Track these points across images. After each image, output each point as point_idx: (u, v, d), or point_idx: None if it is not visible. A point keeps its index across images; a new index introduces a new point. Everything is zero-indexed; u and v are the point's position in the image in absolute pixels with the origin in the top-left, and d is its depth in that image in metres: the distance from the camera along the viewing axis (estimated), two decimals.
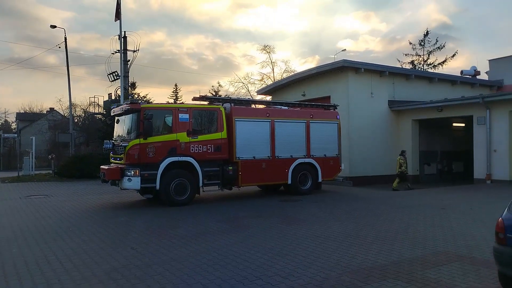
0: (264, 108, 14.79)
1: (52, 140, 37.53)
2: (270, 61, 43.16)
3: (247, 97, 37.63)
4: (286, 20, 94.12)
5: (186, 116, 11.98)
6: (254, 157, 13.12)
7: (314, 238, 7.54)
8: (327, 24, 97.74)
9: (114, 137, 12.94)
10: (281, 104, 15.84)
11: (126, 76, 26.16)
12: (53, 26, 27.55)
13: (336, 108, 15.91)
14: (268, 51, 42.27)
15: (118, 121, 12.86)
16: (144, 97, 30.80)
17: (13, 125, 66.03)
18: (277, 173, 13.58)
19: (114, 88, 27.51)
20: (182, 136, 11.81)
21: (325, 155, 14.65)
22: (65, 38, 27.98)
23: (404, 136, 20.46)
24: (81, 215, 10.60)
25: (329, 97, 20.68)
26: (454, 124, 21.91)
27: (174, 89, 52.83)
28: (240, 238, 7.66)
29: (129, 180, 11.19)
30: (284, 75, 38.51)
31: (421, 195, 14.46)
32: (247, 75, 56.57)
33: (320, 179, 14.54)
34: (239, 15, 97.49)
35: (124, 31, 25.75)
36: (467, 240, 7.35)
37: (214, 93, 46.99)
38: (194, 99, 13.36)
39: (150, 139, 11.35)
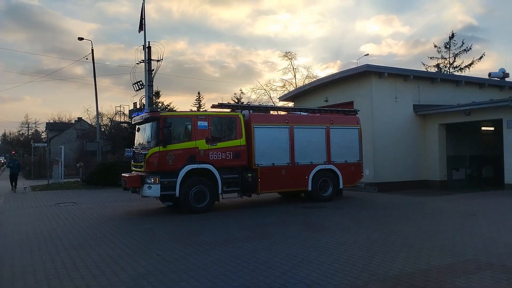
0: (283, 115, 14.71)
1: (80, 148, 38.52)
2: (292, 67, 43.00)
3: (267, 104, 37.65)
4: (307, 26, 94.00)
5: (205, 123, 12.07)
6: (273, 164, 13.04)
7: (338, 245, 7.44)
8: (349, 29, 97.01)
9: (135, 145, 13.16)
10: (301, 110, 15.77)
11: (150, 85, 26.69)
12: (81, 39, 28.45)
13: (357, 114, 15.69)
14: (290, 57, 42.29)
15: (138, 130, 13.08)
16: (168, 105, 31.25)
17: (43, 135, 68.25)
18: (297, 179, 13.46)
19: (139, 97, 28.02)
20: (201, 144, 11.88)
21: (346, 161, 14.44)
22: (92, 50, 28.84)
23: (430, 141, 19.99)
24: (107, 222, 10.81)
25: (352, 103, 20.45)
26: (483, 128, 21.25)
27: (197, 97, 53.56)
28: (264, 245, 7.63)
29: (149, 187, 11.31)
30: (306, 81, 38.38)
31: (450, 201, 14.08)
32: (268, 81, 56.70)
33: (341, 186, 14.31)
34: (259, 22, 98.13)
35: (148, 41, 26.30)
36: (498, 248, 7.10)
37: (236, 101, 47.26)
38: (213, 106, 13.46)
39: (170, 147, 11.47)
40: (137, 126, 13.17)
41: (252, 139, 12.74)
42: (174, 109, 29.12)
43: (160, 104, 29.78)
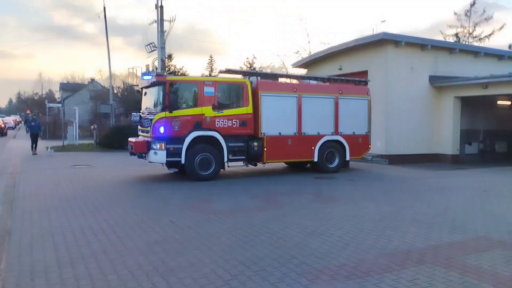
0: (291, 83, 14.39)
1: (94, 110, 38.85)
2: (306, 33, 42.03)
3: (275, 71, 37.04)
4: None
5: (212, 89, 11.84)
6: (279, 133, 12.89)
7: (349, 218, 7.52)
8: None
9: (142, 109, 12.99)
10: (310, 78, 15.45)
11: (163, 47, 26.35)
12: None
13: (368, 84, 15.31)
14: (305, 22, 41.16)
15: (146, 94, 12.88)
16: (181, 69, 31.04)
17: (57, 95, 68.62)
18: (303, 150, 13.32)
19: (152, 59, 27.84)
20: (208, 110, 11.71)
21: (354, 132, 14.19)
22: (104, 8, 28.46)
23: (444, 114, 19.65)
24: (121, 186, 11.04)
25: (366, 72, 20.05)
26: (499, 102, 20.79)
27: (210, 61, 52.95)
28: (275, 215, 7.75)
29: (155, 153, 11.29)
30: (321, 48, 37.56)
31: (461, 176, 14.04)
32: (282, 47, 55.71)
33: (348, 158, 14.13)
34: None
35: (161, 0, 25.71)
36: (509, 225, 7.13)
37: (249, 66, 46.68)
38: (221, 72, 13.27)
39: (176, 113, 11.34)
40: (144, 90, 12.98)
41: (259, 107, 12.52)
42: (186, 73, 28.92)
43: (172, 68, 29.56)
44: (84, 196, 9.49)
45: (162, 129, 11.32)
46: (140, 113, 12.83)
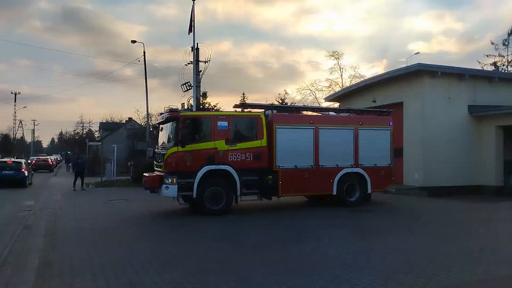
0: (307, 115, 13.95)
1: (131, 147, 40.07)
2: (338, 67, 42.23)
3: (294, 104, 36.94)
4: (352, 24, 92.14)
5: (225, 123, 11.77)
6: (295, 166, 12.44)
7: (390, 251, 7.22)
8: (396, 26, 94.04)
9: (159, 145, 13.13)
10: (328, 110, 15.09)
11: (198, 86, 27.16)
12: (134, 41, 29.59)
13: (389, 114, 14.71)
14: (337, 56, 41.55)
15: (161, 129, 13.06)
16: (215, 106, 31.75)
17: (97, 134, 71.55)
18: (321, 183, 12.73)
19: (187, 98, 28.68)
20: (221, 144, 11.57)
21: (375, 164, 13.45)
22: (144, 52, 29.83)
23: (486, 144, 18.90)
24: (157, 220, 11.19)
25: (401, 103, 19.81)
26: None
27: (242, 98, 53.98)
28: (311, 248, 7.56)
29: (167, 188, 11.18)
30: (353, 81, 37.59)
31: (507, 208, 13.27)
32: (314, 81, 56.08)
33: (369, 191, 13.38)
34: (303, 21, 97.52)
35: (197, 43, 26.82)
36: None
37: (280, 101, 47.17)
38: (235, 106, 13.15)
39: (188, 147, 11.27)
40: (160, 126, 13.16)
41: (274, 140, 12.23)
42: (220, 109, 29.55)
43: (207, 105, 30.31)
44: (121, 229, 9.66)
45: (174, 164, 11.26)
46: (155, 148, 13.01)
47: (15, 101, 73.56)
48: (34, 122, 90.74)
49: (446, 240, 8.20)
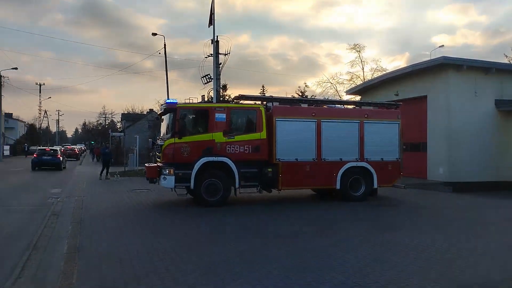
0: (309, 107, 13.42)
1: (152, 138, 40.73)
2: (359, 60, 41.58)
3: (297, 96, 36.43)
4: (373, 17, 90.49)
5: (223, 115, 11.72)
6: (296, 159, 12.32)
7: (413, 247, 7.14)
8: (419, 19, 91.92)
9: (160, 136, 13.24)
10: (333, 103, 14.74)
11: (218, 78, 27.30)
12: (154, 34, 29.86)
13: (398, 108, 14.28)
14: (358, 50, 40.89)
15: (162, 120, 13.16)
16: (234, 98, 31.84)
17: (119, 125, 72.82)
18: (323, 177, 12.57)
19: (207, 90, 28.85)
20: (218, 136, 11.58)
21: (382, 158, 13.16)
22: (165, 45, 30.08)
23: None
24: (179, 209, 11.33)
25: (425, 97, 19.44)
26: None
27: (262, 90, 53.90)
28: (334, 241, 7.54)
29: (164, 178, 11.35)
30: (375, 75, 37.01)
31: None
32: (335, 74, 55.54)
33: (375, 185, 13.11)
34: (323, 14, 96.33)
35: (216, 36, 26.89)
36: None
37: (300, 94, 46.93)
38: (235, 98, 13.14)
39: (185, 139, 11.38)
40: (161, 117, 13.24)
41: (274, 133, 12.13)
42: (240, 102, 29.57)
43: (227, 97, 30.43)
44: (145, 217, 9.86)
45: (171, 155, 11.39)
46: (154, 139, 13.19)
47: (40, 92, 75.57)
48: (58, 113, 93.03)
49: (471, 237, 8.05)
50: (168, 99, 11.99)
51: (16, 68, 47.71)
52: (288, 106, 13.22)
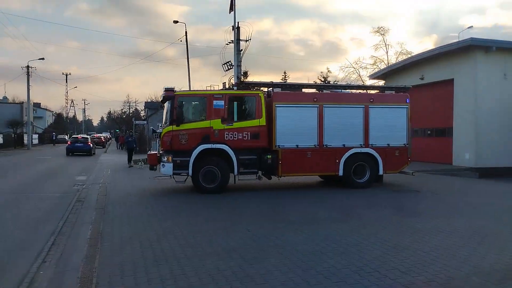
0: (311, 93, 13.21)
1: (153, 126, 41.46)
2: (384, 43, 40.54)
3: (300, 82, 35.67)
4: None
5: (221, 102, 11.63)
6: (297, 145, 12.13)
7: (436, 233, 7.00)
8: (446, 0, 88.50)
9: (161, 124, 13.27)
10: (336, 87, 14.36)
11: (239, 65, 27.24)
12: (175, 22, 30.12)
13: (407, 91, 13.73)
14: (382, 33, 39.85)
15: (163, 108, 13.20)
16: (234, 85, 31.74)
17: (142, 113, 73.91)
18: (325, 163, 12.32)
19: (228, 77, 28.84)
20: (216, 123, 11.55)
21: (388, 144, 12.72)
22: (186, 32, 30.26)
23: None
24: (201, 196, 11.45)
25: (452, 80, 18.89)
26: None
27: (283, 76, 53.49)
28: (353, 227, 7.47)
29: (163, 166, 11.49)
30: (400, 58, 36.09)
31: None
32: (358, 59, 54.30)
33: (381, 172, 12.70)
34: None
35: (237, 22, 26.74)
36: None
37: (323, 79, 46.32)
38: (235, 85, 12.89)
39: (183, 126, 11.42)
40: (163, 105, 13.22)
41: (274, 119, 11.98)
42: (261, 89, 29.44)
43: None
44: (166, 204, 10.01)
45: (169, 142, 11.46)
46: (154, 127, 13.25)
47: (66, 82, 77.33)
48: (84, 102, 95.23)
49: (497, 223, 7.82)
50: (166, 87, 12.01)
51: (43, 59, 48.58)
52: (288, 92, 12.98)
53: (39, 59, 60.28)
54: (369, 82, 38.23)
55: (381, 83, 25.35)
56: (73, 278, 4.96)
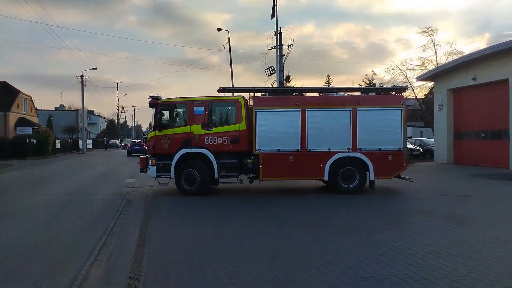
0: (293, 97, 13.26)
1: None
2: (432, 43, 38.96)
3: (284, 86, 34.74)
4: None
5: (202, 108, 12.16)
6: (278, 149, 12.11)
7: (490, 240, 6.61)
8: None
9: None
10: (322, 90, 14.28)
11: (281, 70, 27.34)
12: (219, 29, 30.74)
13: (402, 92, 13.01)
14: (430, 33, 38.35)
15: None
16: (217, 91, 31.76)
17: None
18: (309, 168, 12.11)
19: (271, 82, 28.99)
20: (196, 129, 12.07)
21: (380, 148, 12.08)
22: (229, 39, 30.81)
23: None
24: (245, 200, 11.56)
25: (507, 80, 17.87)
26: None
27: (327, 80, 52.96)
28: (400, 234, 7.22)
29: (149, 168, 12.44)
30: (450, 58, 34.57)
31: None
32: (404, 60, 52.58)
33: (372, 178, 12.09)
34: None
35: (280, 27, 26.89)
36: None
37: (367, 82, 45.37)
38: (219, 91, 12.94)
39: (165, 131, 12.19)
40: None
41: (254, 124, 12.12)
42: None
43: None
44: (211, 206, 10.24)
45: (152, 147, 12.33)
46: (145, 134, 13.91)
47: (117, 90, 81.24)
48: (134, 108, 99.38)
49: None
50: (151, 95, 12.92)
51: (95, 68, 51.66)
52: (270, 96, 13.37)
53: (92, 68, 63.39)
54: (416, 84, 37.02)
55: (429, 84, 24.44)
56: (123, 277, 5.17)
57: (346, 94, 13.56)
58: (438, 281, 4.82)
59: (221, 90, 12.98)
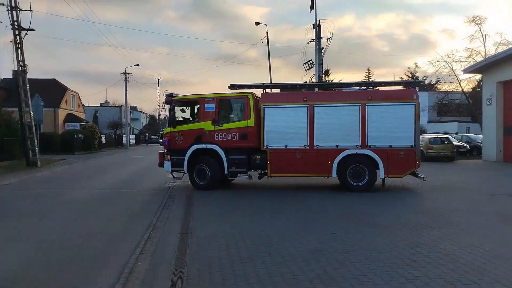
0: (301, 92, 13.00)
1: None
2: (480, 34, 37.06)
3: (295, 82, 33.50)
4: None
5: (212, 105, 12.49)
6: (286, 146, 12.14)
7: None
8: None
9: None
10: (333, 85, 14.07)
11: (320, 64, 26.96)
12: (257, 23, 30.77)
13: (416, 86, 12.49)
14: (478, 22, 36.50)
15: None
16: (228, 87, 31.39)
17: None
18: (317, 164, 12.00)
19: (309, 76, 28.72)
20: (207, 125, 12.46)
21: (390, 145, 11.68)
22: (267, 33, 30.81)
23: None
24: (283, 196, 11.55)
25: None
26: None
27: (367, 73, 51.83)
28: (448, 234, 6.96)
29: (164, 163, 12.95)
30: (499, 49, 32.76)
31: None
32: (450, 52, 50.30)
33: (382, 175, 11.76)
34: None
35: (319, 20, 26.48)
36: None
37: (410, 76, 43.99)
38: (230, 87, 12.91)
39: (178, 128, 12.77)
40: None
41: (262, 120, 12.23)
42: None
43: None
44: (250, 203, 10.33)
45: (167, 142, 12.91)
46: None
47: (158, 85, 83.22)
48: None
49: None
50: (167, 92, 13.47)
51: (138, 65, 52.87)
52: (278, 92, 13.49)
53: (135, 65, 65.43)
54: (463, 76, 35.38)
55: (477, 77, 23.30)
56: (167, 271, 5.32)
57: (344, 89, 13.30)
58: (489, 286, 4.61)
59: (232, 86, 13.22)
